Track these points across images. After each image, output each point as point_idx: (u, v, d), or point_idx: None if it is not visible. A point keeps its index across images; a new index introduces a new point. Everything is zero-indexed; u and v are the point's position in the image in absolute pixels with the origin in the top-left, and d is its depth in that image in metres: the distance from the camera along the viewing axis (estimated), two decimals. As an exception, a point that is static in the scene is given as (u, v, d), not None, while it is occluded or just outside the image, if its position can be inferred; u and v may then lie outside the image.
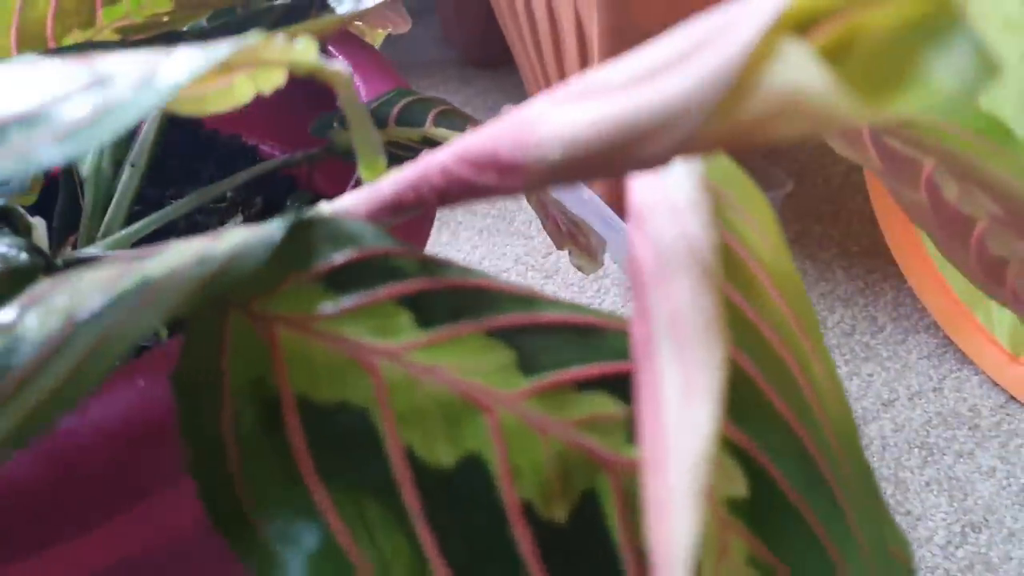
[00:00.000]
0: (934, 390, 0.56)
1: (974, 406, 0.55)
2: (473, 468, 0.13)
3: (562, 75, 0.65)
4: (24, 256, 0.20)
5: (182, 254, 0.14)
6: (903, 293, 0.64)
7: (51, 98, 0.12)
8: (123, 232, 0.30)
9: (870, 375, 0.57)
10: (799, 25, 0.11)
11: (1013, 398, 0.55)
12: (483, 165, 0.15)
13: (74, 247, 0.32)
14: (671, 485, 0.10)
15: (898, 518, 0.48)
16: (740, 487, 0.14)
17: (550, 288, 0.64)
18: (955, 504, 0.49)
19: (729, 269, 0.16)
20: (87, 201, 0.34)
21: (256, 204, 0.39)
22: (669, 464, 0.10)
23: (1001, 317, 0.55)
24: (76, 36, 0.27)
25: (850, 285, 0.65)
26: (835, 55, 0.11)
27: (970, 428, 0.53)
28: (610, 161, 0.12)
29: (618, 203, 0.67)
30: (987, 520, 0.48)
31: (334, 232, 0.15)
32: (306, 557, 0.11)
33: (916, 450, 0.52)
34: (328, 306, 0.13)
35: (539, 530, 0.13)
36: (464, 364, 0.14)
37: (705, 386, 0.11)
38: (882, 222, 0.63)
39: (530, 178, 0.14)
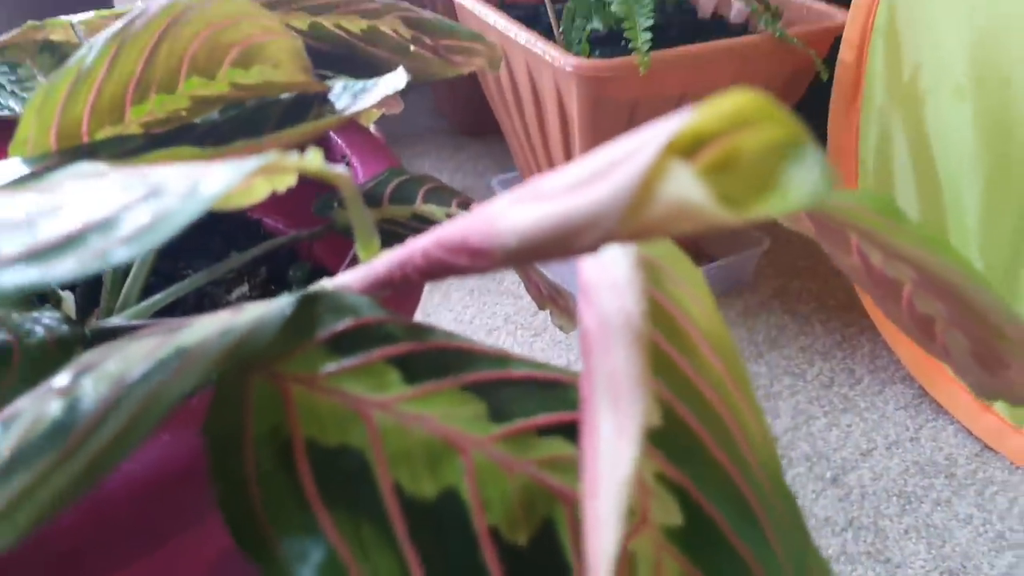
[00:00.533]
0: (911, 439, 0.59)
1: (950, 455, 0.57)
2: (450, 499, 0.16)
3: (545, 143, 0.69)
4: (65, 328, 0.24)
5: (209, 327, 0.17)
6: (879, 345, 0.67)
7: (118, 207, 0.15)
8: (143, 304, 0.33)
9: (849, 426, 0.60)
10: (694, 144, 0.14)
11: (987, 446, 0.58)
12: (457, 250, 0.18)
13: (97, 318, 0.35)
14: (600, 507, 0.13)
15: (877, 566, 0.50)
16: (676, 518, 0.17)
17: (539, 344, 0.67)
18: (933, 551, 0.51)
19: (670, 333, 0.19)
20: (107, 275, 0.37)
21: (261, 274, 0.42)
22: (600, 491, 0.13)
23: (971, 368, 0.58)
24: (107, 131, 0.31)
25: (828, 338, 0.68)
26: (722, 167, 0.14)
27: (947, 476, 0.56)
28: (553, 249, 0.16)
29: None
30: (965, 567, 0.50)
31: (335, 304, 0.18)
32: (314, 570, 0.14)
33: (894, 498, 0.54)
34: (331, 366, 0.16)
35: (504, 552, 0.16)
36: (444, 413, 0.17)
37: (630, 431, 0.14)
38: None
39: (494, 261, 0.17)
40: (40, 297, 0.34)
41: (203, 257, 0.42)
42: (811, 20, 0.68)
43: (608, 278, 0.17)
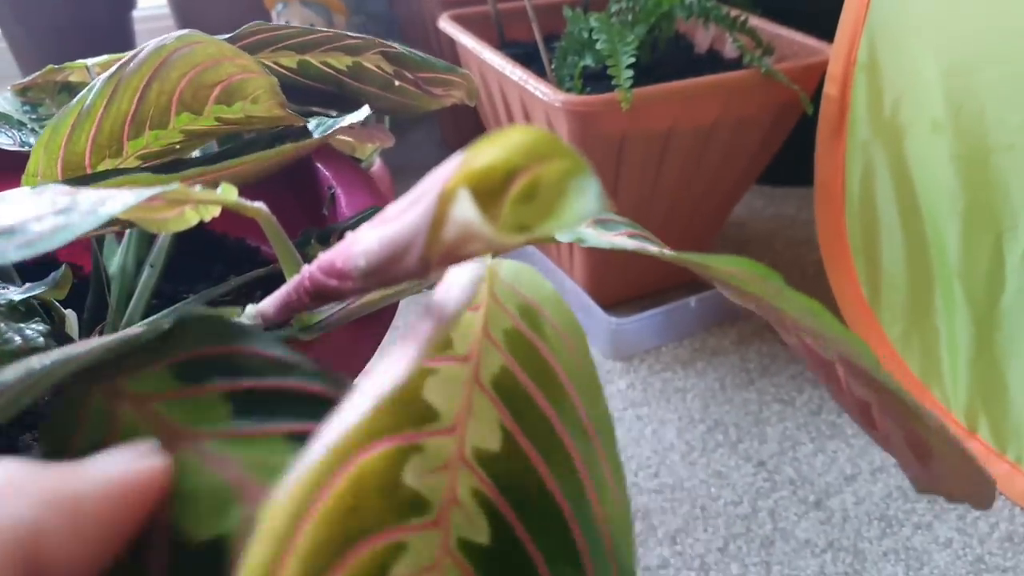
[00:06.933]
0: (896, 465, 0.55)
1: (934, 479, 0.53)
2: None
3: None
4: (41, 340, 0.23)
5: (79, 348, 0.16)
6: (870, 371, 0.63)
7: (30, 217, 0.15)
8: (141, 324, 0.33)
9: (835, 451, 0.56)
10: (506, 175, 0.13)
11: (972, 472, 0.54)
12: (329, 272, 0.17)
13: (99, 335, 0.35)
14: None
15: (854, 587, 0.46)
16: (482, 536, 0.15)
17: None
18: (911, 573, 0.47)
19: (536, 372, 0.18)
20: (113, 296, 0.38)
21: (256, 297, 0.42)
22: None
23: (955, 394, 0.55)
24: (107, 163, 0.31)
25: (820, 364, 0.65)
26: (529, 193, 0.13)
27: (929, 501, 0.52)
28: (392, 268, 0.14)
29: (597, 292, 0.69)
30: (944, 591, 0.46)
31: (210, 329, 0.17)
32: None
33: (876, 522, 0.51)
34: (170, 390, 0.15)
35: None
36: (251, 461, 0.15)
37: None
38: (841, 305, 0.63)
39: (355, 282, 0.16)
40: (47, 312, 0.34)
41: (204, 281, 0.42)
42: (801, 56, 0.65)
43: (456, 283, 0.16)
